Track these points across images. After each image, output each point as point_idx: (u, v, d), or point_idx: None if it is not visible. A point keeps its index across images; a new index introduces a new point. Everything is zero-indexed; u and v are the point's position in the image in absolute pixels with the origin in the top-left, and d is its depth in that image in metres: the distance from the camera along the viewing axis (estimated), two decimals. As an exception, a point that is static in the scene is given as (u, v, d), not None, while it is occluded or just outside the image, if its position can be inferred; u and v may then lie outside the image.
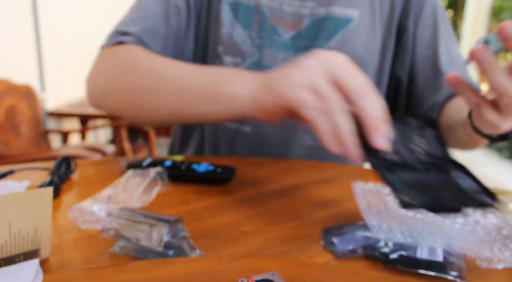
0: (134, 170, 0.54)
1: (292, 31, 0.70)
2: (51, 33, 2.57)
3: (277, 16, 0.70)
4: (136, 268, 0.33)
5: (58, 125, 2.75)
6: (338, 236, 0.41)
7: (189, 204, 0.48)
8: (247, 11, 0.70)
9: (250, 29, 0.70)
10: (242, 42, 0.70)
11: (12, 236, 0.32)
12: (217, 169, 0.55)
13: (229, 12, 0.70)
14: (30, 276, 0.31)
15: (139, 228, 0.36)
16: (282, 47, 0.70)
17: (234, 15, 0.70)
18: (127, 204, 0.46)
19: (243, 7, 0.70)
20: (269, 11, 0.69)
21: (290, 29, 0.70)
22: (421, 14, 0.73)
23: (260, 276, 0.30)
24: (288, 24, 0.70)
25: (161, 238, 0.35)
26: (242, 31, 0.70)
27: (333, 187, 0.55)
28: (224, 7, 0.70)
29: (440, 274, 0.35)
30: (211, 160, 0.65)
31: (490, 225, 0.43)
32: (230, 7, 0.70)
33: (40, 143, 2.28)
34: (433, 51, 0.73)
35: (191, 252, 0.37)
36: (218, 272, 0.33)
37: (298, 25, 0.70)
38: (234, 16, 0.70)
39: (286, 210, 0.48)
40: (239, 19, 0.70)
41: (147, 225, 0.36)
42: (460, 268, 0.35)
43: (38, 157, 2.03)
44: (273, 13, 0.70)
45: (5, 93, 2.09)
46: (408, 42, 0.74)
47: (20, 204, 0.32)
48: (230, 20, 0.70)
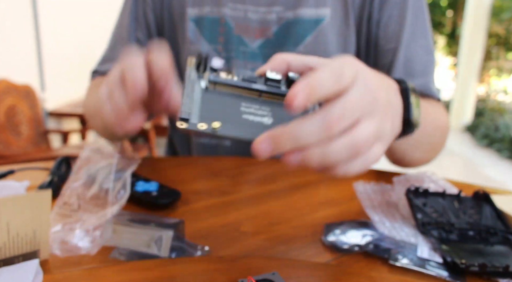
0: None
1: (259, 39, 0.68)
2: (51, 33, 2.56)
3: (242, 26, 0.67)
4: (136, 268, 0.33)
5: (58, 125, 2.75)
6: (339, 231, 0.41)
7: (189, 204, 0.48)
8: (211, 25, 0.68)
9: (215, 43, 0.68)
10: None
11: (11, 238, 0.32)
12: (160, 190, 0.48)
13: (194, 28, 0.69)
14: (30, 276, 0.31)
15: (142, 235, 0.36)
16: (251, 57, 0.68)
17: (199, 30, 0.69)
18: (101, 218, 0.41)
19: (207, 22, 0.68)
20: (234, 21, 0.67)
21: (257, 37, 0.68)
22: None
23: (260, 276, 0.30)
24: (255, 33, 0.68)
25: (167, 245, 0.35)
26: (208, 46, 0.69)
27: (333, 187, 0.55)
28: (189, 24, 0.69)
29: (440, 274, 0.35)
30: (209, 160, 0.65)
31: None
32: (195, 23, 0.69)
33: (40, 143, 2.28)
34: (394, 46, 0.65)
35: (196, 251, 0.37)
36: (218, 272, 0.33)
37: (266, 32, 0.67)
38: (199, 32, 0.69)
39: (286, 210, 0.48)
40: (204, 34, 0.69)
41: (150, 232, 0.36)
42: (460, 268, 0.35)
43: (38, 157, 2.03)
44: (238, 23, 0.67)
45: (5, 93, 2.09)
46: (372, 32, 0.66)
47: (18, 207, 0.32)
48: (196, 36, 0.69)
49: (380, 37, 0.66)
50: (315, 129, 0.27)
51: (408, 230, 0.42)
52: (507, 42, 5.10)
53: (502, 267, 0.34)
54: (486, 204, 0.45)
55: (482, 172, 3.29)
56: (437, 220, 0.42)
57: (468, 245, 0.39)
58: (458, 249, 0.38)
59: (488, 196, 0.45)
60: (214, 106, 0.32)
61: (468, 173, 3.28)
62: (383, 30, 0.65)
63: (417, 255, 0.37)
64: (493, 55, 5.16)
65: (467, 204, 0.44)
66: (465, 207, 0.44)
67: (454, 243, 0.39)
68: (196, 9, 0.69)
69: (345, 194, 0.52)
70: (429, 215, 0.42)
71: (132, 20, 0.73)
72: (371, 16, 0.66)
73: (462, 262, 0.35)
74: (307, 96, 0.27)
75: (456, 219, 0.42)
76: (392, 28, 0.65)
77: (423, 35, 0.65)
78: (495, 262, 0.35)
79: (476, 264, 0.34)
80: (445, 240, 0.39)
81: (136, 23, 0.74)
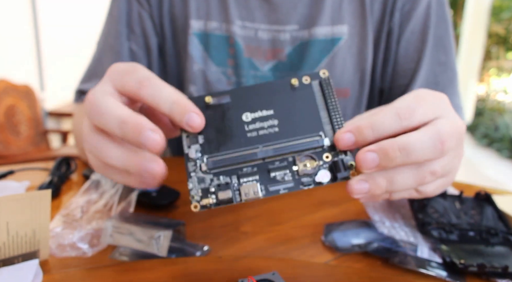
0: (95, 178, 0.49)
1: (271, 61, 0.61)
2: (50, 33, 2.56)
3: (252, 47, 0.61)
4: (136, 268, 0.33)
5: (58, 125, 2.75)
6: (339, 231, 0.41)
7: (189, 204, 0.48)
8: (219, 44, 0.61)
9: (225, 66, 0.61)
10: (217, 81, 0.61)
11: (10, 238, 0.32)
12: (159, 190, 0.48)
13: (198, 45, 0.61)
14: (30, 276, 0.31)
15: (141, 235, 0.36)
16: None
17: (205, 49, 0.61)
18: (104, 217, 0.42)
19: (214, 40, 0.61)
20: (243, 42, 0.61)
21: (268, 59, 0.61)
22: (411, 14, 0.59)
23: (260, 276, 0.30)
24: (266, 55, 0.61)
25: (165, 245, 0.35)
26: (216, 69, 0.61)
27: (333, 187, 0.55)
28: (192, 40, 0.61)
29: (439, 274, 0.35)
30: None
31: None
32: (199, 39, 0.61)
33: (40, 143, 2.28)
34: (414, 65, 0.60)
35: (196, 251, 0.37)
36: (218, 272, 0.33)
37: (278, 54, 0.61)
38: (205, 50, 0.61)
39: (286, 210, 0.48)
40: (211, 55, 0.61)
41: (149, 231, 0.36)
42: (459, 269, 0.35)
43: (38, 157, 2.03)
44: (247, 44, 0.61)
45: (5, 93, 2.09)
46: (392, 48, 0.61)
47: (18, 206, 0.32)
48: (201, 55, 0.61)
49: (400, 55, 0.61)
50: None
51: (408, 230, 0.42)
52: (507, 42, 5.10)
53: (501, 268, 0.34)
54: (488, 204, 0.45)
55: (481, 171, 3.29)
56: (437, 220, 0.42)
57: (468, 245, 0.39)
58: (458, 249, 0.38)
59: (490, 197, 0.45)
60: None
61: (468, 172, 3.28)
62: (404, 47, 0.60)
63: (417, 255, 0.37)
64: (493, 55, 5.16)
65: (469, 204, 0.44)
66: (466, 208, 0.44)
67: (454, 244, 0.39)
68: (201, 22, 0.61)
69: (345, 194, 0.52)
70: (430, 215, 0.42)
71: (123, 26, 0.62)
72: (391, 32, 0.60)
73: (461, 262, 0.35)
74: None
75: (457, 220, 0.42)
76: (414, 46, 0.60)
77: (444, 50, 0.60)
78: (494, 262, 0.35)
79: (475, 265, 0.34)
80: (445, 240, 0.39)
81: (129, 30, 0.62)
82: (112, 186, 0.46)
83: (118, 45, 0.62)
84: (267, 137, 0.31)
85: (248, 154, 0.30)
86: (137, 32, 0.62)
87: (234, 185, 0.30)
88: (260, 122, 0.31)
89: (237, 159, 0.30)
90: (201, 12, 0.61)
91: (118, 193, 0.45)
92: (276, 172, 0.30)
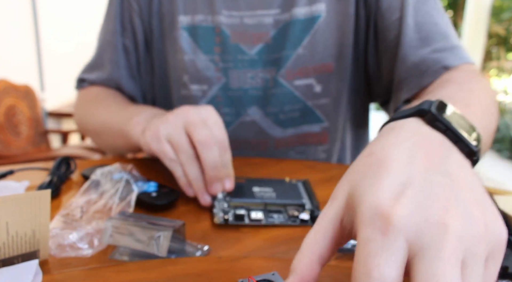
0: (95, 177, 0.48)
1: (258, 45, 0.65)
2: (50, 33, 2.57)
3: (239, 33, 0.65)
4: (136, 268, 0.33)
5: (58, 125, 2.76)
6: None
7: (188, 204, 0.48)
8: (206, 34, 0.65)
9: (212, 53, 0.66)
10: (205, 69, 0.66)
11: (10, 238, 0.32)
12: (159, 190, 0.48)
13: (188, 38, 0.66)
14: (30, 276, 0.31)
15: (141, 235, 0.36)
16: (250, 65, 0.65)
17: (194, 40, 0.66)
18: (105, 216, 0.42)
19: (201, 31, 0.65)
20: (230, 29, 0.65)
21: (255, 43, 0.65)
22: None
23: (260, 276, 0.30)
24: (252, 39, 0.64)
25: (165, 245, 0.35)
26: (204, 57, 0.66)
27: (333, 187, 0.55)
28: (182, 33, 0.66)
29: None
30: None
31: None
32: (188, 32, 0.66)
33: (40, 143, 2.28)
34: (399, 15, 0.59)
35: (196, 251, 0.37)
36: (218, 272, 0.33)
37: (264, 37, 0.64)
38: (194, 42, 0.66)
39: (286, 210, 0.48)
40: (199, 45, 0.66)
41: (149, 231, 0.36)
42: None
43: (38, 157, 2.03)
44: (234, 31, 0.65)
45: (5, 93, 2.09)
46: (372, 10, 0.62)
47: (17, 206, 0.32)
48: (191, 46, 0.66)
49: (383, 9, 0.60)
50: None
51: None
52: (507, 43, 5.10)
53: (501, 268, 0.34)
54: None
55: (481, 171, 3.29)
56: None
57: None
58: None
59: (491, 197, 0.45)
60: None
61: (468, 173, 3.27)
62: (386, 2, 0.60)
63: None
64: (493, 55, 5.16)
65: None
66: None
67: None
68: (188, 17, 0.66)
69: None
70: None
71: (118, 24, 0.70)
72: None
73: None
74: None
75: None
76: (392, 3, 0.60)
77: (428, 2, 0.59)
78: None
79: None
80: None
81: (122, 28, 0.70)
82: (112, 186, 0.46)
83: (115, 41, 0.71)
84: (268, 196, 0.48)
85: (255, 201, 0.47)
86: (128, 30, 0.70)
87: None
88: (264, 193, 0.49)
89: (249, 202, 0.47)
90: (188, 8, 0.66)
91: (118, 193, 0.45)
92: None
